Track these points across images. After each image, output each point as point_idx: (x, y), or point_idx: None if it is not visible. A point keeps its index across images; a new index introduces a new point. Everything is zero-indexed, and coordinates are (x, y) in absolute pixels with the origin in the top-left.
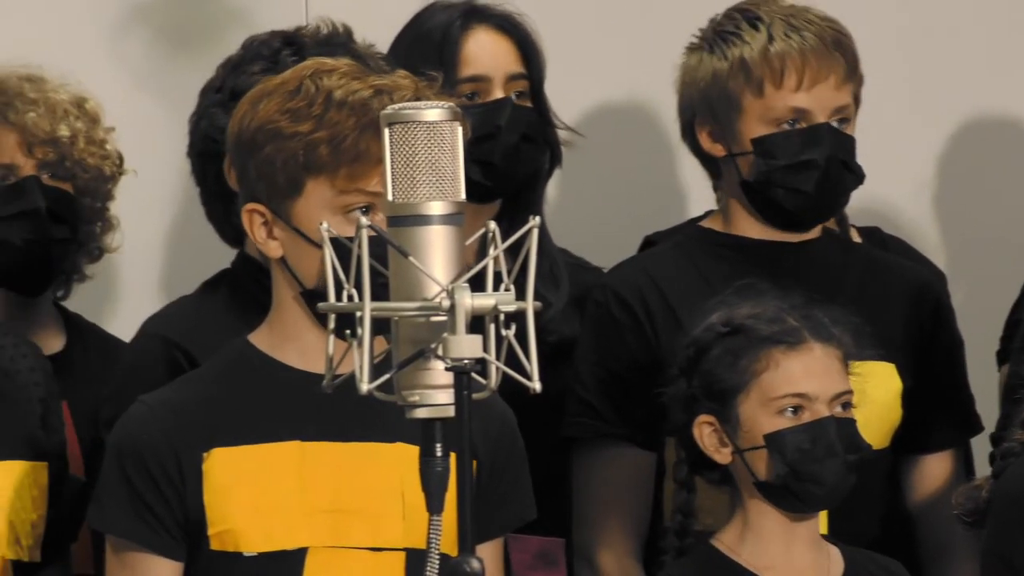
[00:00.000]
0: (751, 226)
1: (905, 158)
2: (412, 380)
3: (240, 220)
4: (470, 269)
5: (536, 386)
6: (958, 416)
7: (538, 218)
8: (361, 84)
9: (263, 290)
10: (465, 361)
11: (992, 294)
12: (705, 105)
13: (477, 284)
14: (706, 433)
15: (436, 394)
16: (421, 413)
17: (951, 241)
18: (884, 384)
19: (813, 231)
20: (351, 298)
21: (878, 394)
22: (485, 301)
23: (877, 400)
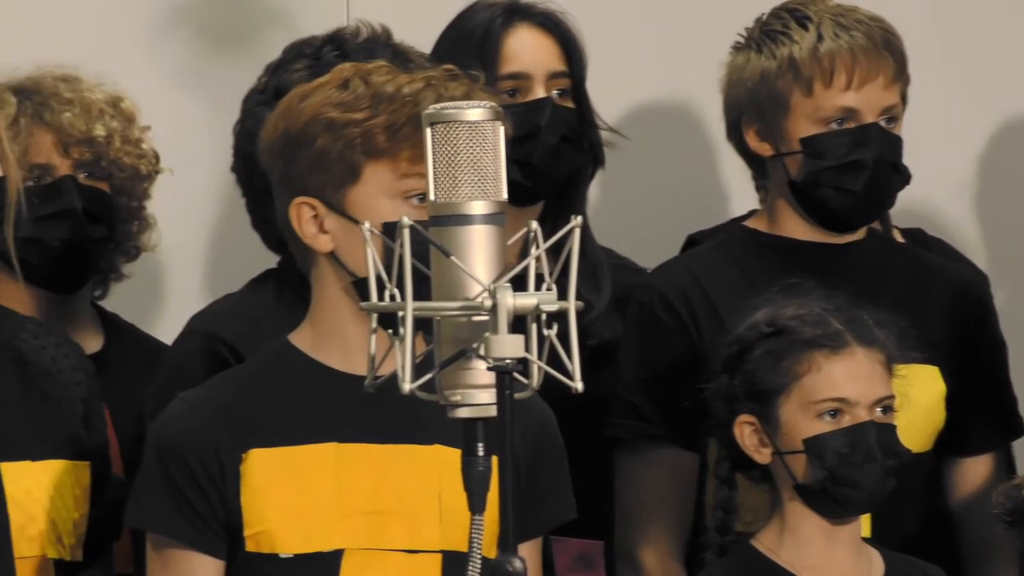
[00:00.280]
0: (797, 226)
1: (946, 159)
2: (454, 380)
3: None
4: (512, 269)
5: (578, 385)
6: (1000, 418)
7: (580, 217)
8: (409, 77)
9: (310, 289)
10: (507, 361)
11: None
12: (753, 104)
13: (519, 284)
14: (746, 433)
15: (478, 394)
16: (463, 413)
17: (993, 242)
18: (927, 387)
19: (858, 232)
20: (393, 297)
21: (921, 397)
22: (527, 301)
23: (920, 403)
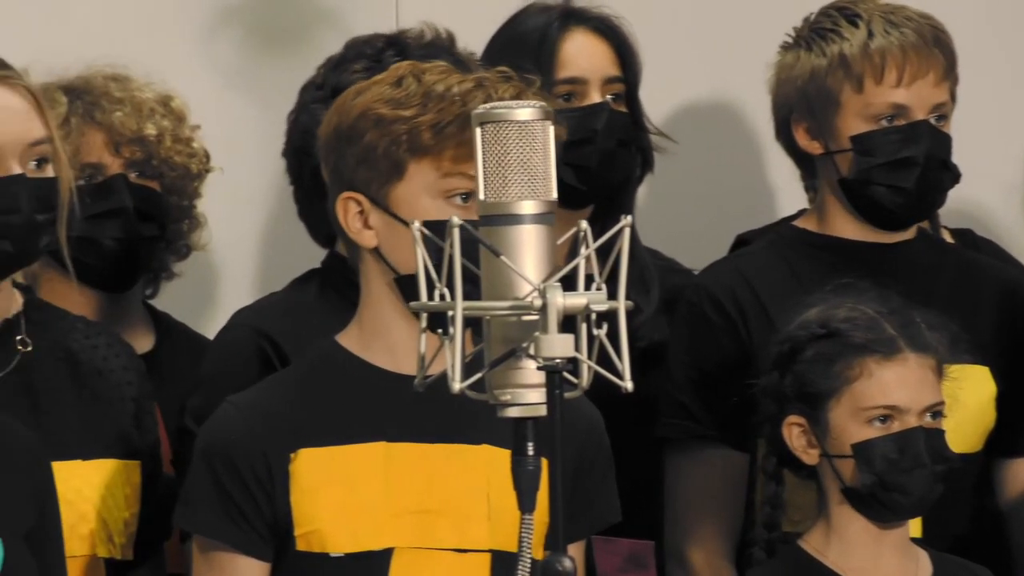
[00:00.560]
0: (847, 225)
1: (996, 160)
2: (504, 379)
3: (332, 218)
4: (561, 269)
5: (628, 385)
6: None
7: (630, 217)
8: (462, 77)
9: (353, 288)
10: (557, 360)
11: None
12: (802, 102)
13: (568, 285)
14: (795, 433)
15: (528, 393)
16: (513, 412)
17: None
18: (978, 388)
19: (908, 232)
20: (443, 297)
21: (971, 398)
22: (577, 300)
23: (970, 404)
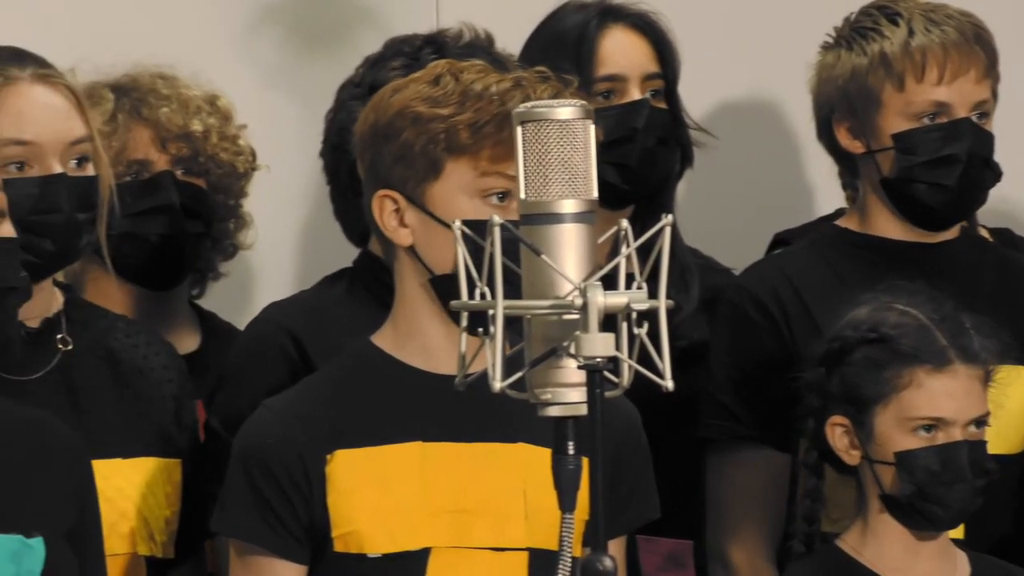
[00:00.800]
0: (889, 225)
1: None
2: (544, 378)
3: (367, 216)
4: (602, 268)
5: (668, 384)
6: None
7: (671, 216)
8: (500, 76)
9: (383, 287)
10: (597, 359)
11: None
12: (844, 101)
13: (609, 284)
14: (838, 434)
15: (568, 392)
16: (553, 411)
17: None
18: (1020, 388)
19: (951, 231)
20: (483, 296)
21: (1014, 399)
22: (617, 299)
23: (1013, 405)
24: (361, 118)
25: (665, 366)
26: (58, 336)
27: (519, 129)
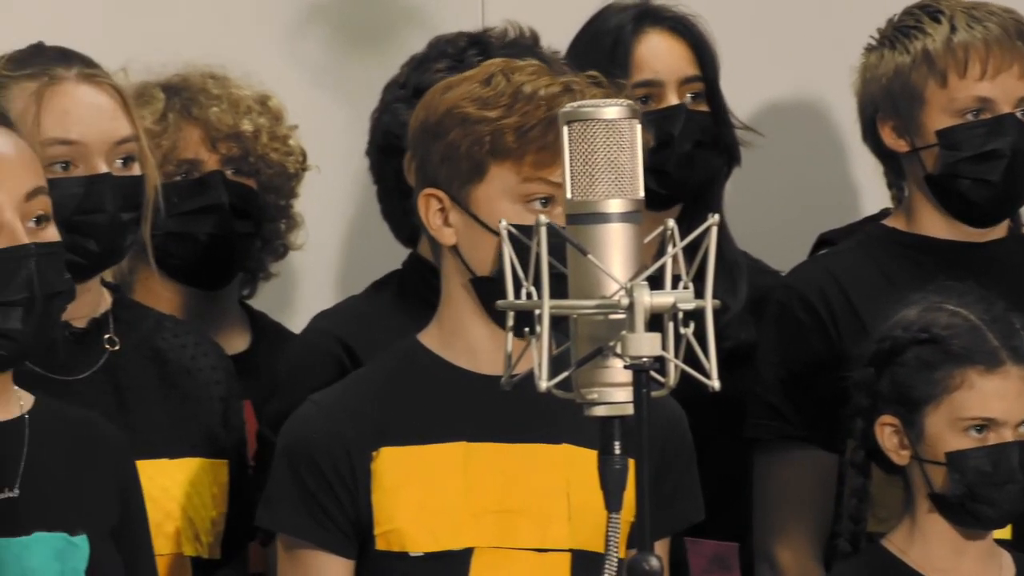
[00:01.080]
0: (935, 224)
1: None
2: (590, 378)
3: (415, 217)
4: (648, 268)
5: (715, 384)
6: None
7: (717, 216)
8: (551, 80)
9: (432, 291)
10: (644, 359)
11: None
12: (887, 100)
13: (655, 284)
14: (887, 433)
15: (614, 392)
16: (599, 411)
17: None
18: None
19: (998, 230)
20: (530, 296)
21: None
22: (664, 299)
23: None
24: (414, 115)
25: (712, 366)
26: (105, 336)
27: (565, 129)
